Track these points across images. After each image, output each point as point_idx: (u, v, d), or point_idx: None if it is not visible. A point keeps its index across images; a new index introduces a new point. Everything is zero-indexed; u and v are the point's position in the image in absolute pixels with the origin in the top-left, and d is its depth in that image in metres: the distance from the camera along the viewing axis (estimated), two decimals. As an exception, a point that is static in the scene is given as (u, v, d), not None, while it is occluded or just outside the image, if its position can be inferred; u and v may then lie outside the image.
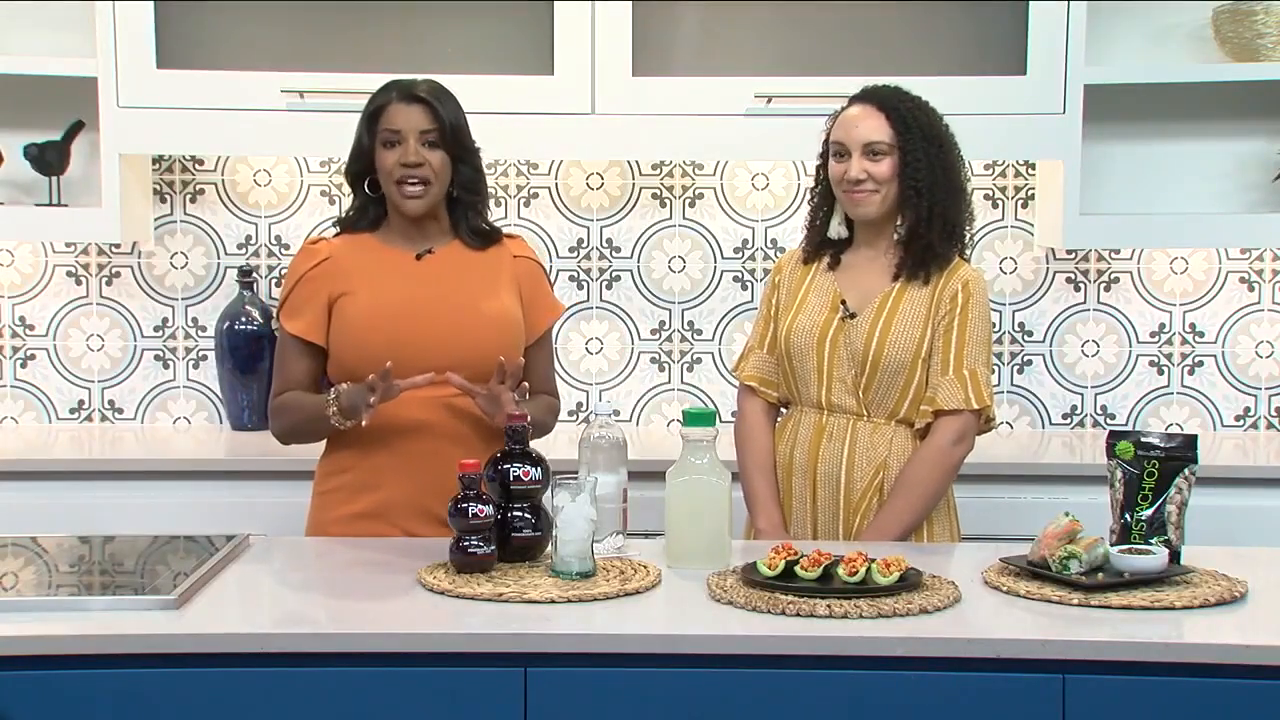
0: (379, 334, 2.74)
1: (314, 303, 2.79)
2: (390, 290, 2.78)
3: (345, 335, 2.77)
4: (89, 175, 3.85)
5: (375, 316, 2.76)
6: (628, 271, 3.97)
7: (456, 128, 2.78)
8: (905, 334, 2.80)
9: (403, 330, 2.74)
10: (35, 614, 2.23)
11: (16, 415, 4.00)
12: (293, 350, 2.81)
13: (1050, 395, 4.00)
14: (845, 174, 2.82)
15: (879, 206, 2.83)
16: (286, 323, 2.81)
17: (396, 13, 3.69)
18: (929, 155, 2.80)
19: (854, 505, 2.83)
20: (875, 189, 2.81)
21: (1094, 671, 2.13)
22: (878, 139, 2.81)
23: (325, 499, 2.82)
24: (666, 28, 3.71)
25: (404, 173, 2.75)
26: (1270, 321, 3.98)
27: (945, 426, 2.80)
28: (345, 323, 2.77)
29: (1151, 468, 2.51)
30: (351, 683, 2.15)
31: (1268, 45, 3.71)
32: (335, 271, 2.79)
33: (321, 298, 2.79)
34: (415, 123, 2.75)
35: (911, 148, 2.80)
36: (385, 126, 2.76)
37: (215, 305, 3.95)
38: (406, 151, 2.74)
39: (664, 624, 2.27)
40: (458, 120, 2.79)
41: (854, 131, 2.83)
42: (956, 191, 2.84)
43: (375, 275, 2.79)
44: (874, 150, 2.81)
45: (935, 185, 2.81)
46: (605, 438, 2.58)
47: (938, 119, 2.86)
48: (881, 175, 2.81)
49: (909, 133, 2.80)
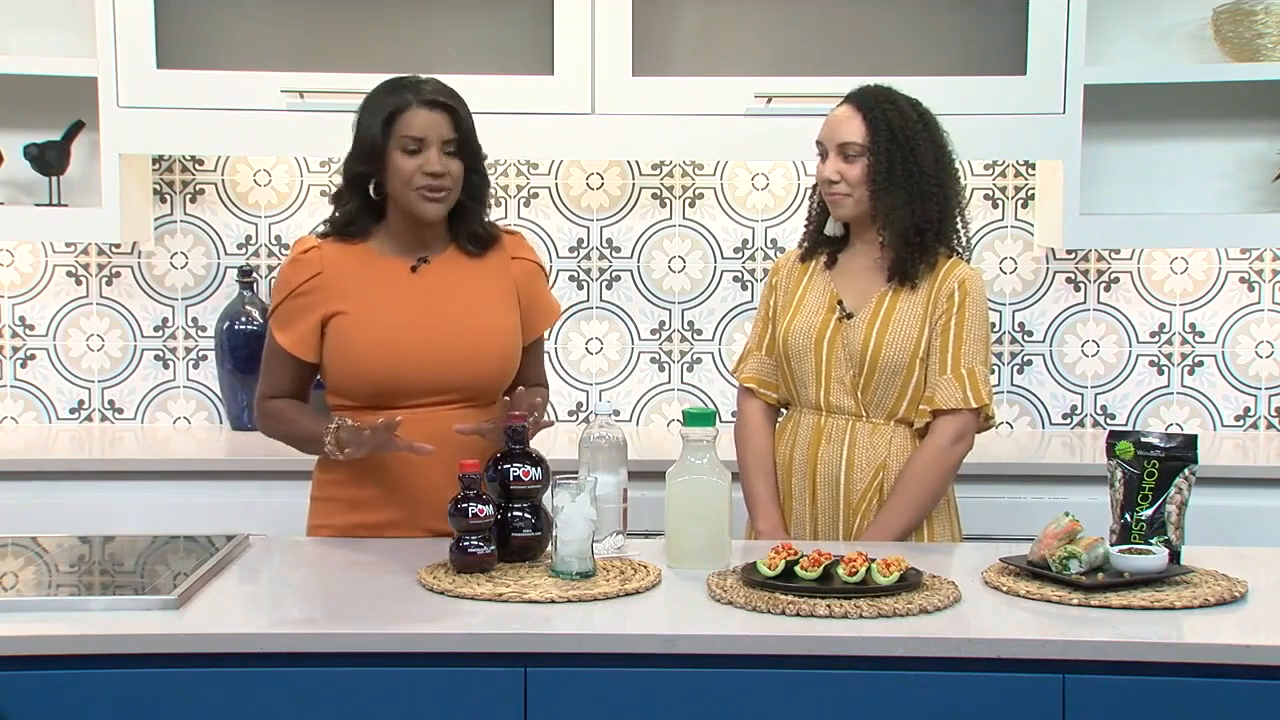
0: (376, 358, 2.69)
1: (305, 319, 2.72)
2: (387, 309, 2.71)
3: (340, 357, 2.71)
4: (89, 175, 3.85)
5: (371, 339, 2.69)
6: (628, 271, 3.97)
7: (473, 135, 2.72)
8: (903, 334, 2.80)
9: (400, 353, 2.69)
10: (35, 614, 2.23)
11: (16, 415, 4.00)
12: (282, 358, 2.75)
13: (1050, 395, 4.00)
14: (822, 174, 2.84)
15: (852, 208, 2.83)
16: (277, 332, 2.75)
17: (396, 13, 3.69)
18: (893, 157, 2.78)
19: (854, 506, 2.83)
20: (848, 191, 2.81)
21: (1094, 671, 2.13)
22: (850, 140, 2.81)
23: (323, 506, 2.79)
24: (666, 28, 3.71)
25: (427, 181, 2.66)
26: (1270, 321, 3.98)
27: (944, 426, 2.80)
28: (340, 344, 2.71)
29: (1151, 468, 2.51)
30: (351, 683, 2.15)
31: (1268, 45, 3.71)
32: (329, 287, 2.71)
33: (314, 315, 2.71)
34: (439, 130, 2.66)
35: (878, 149, 2.79)
36: (406, 133, 2.65)
37: (215, 305, 3.95)
38: (430, 160, 2.65)
39: (664, 624, 2.27)
40: (473, 127, 2.73)
41: (832, 132, 2.84)
42: (928, 194, 2.79)
43: (371, 291, 2.72)
44: (846, 152, 2.81)
45: (899, 187, 2.78)
46: (605, 438, 2.58)
47: (918, 120, 2.82)
48: (853, 177, 2.80)
49: (877, 134, 2.79)
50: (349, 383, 2.71)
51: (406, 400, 2.69)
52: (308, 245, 2.78)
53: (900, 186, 2.78)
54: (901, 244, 2.80)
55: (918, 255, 2.81)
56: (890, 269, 2.83)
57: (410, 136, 2.65)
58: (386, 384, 2.69)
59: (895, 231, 2.80)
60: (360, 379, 2.70)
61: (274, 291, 2.79)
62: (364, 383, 2.69)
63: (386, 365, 2.68)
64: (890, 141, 2.79)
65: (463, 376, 2.71)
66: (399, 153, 2.66)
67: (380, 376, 2.68)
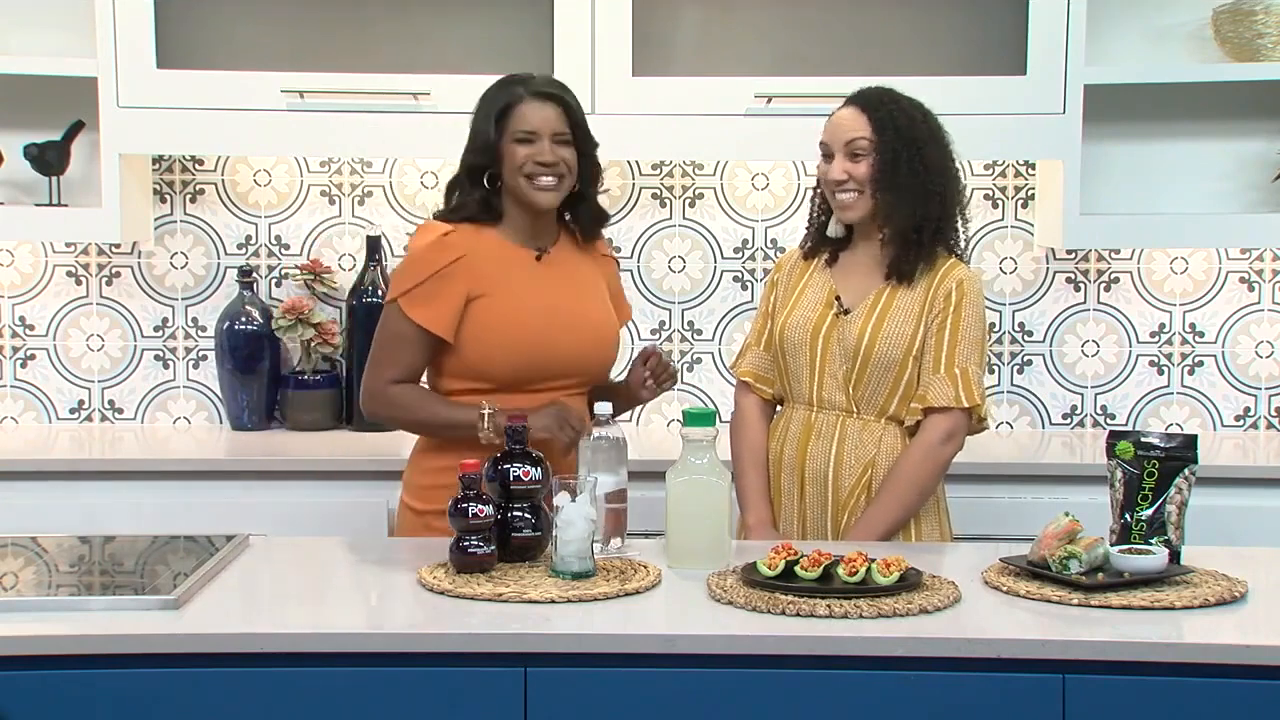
0: (516, 341, 2.76)
1: (449, 298, 2.75)
2: (523, 295, 2.79)
3: (481, 338, 2.76)
4: (89, 175, 3.85)
5: (515, 322, 2.76)
6: (628, 271, 3.97)
7: (584, 125, 2.83)
8: (897, 330, 2.80)
9: (539, 337, 2.78)
10: (35, 614, 2.23)
11: (16, 415, 4.00)
12: (413, 339, 2.77)
13: (1050, 395, 4.00)
14: (828, 174, 2.84)
15: (862, 210, 2.83)
16: (413, 311, 2.75)
17: (396, 13, 3.69)
18: (899, 156, 2.78)
19: (842, 503, 2.83)
20: (857, 189, 2.82)
21: (1094, 671, 2.14)
22: (858, 136, 2.81)
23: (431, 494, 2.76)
24: (666, 28, 3.71)
25: (537, 169, 2.76)
26: (1270, 321, 3.98)
27: (934, 424, 2.80)
28: (483, 326, 2.76)
29: (1151, 468, 2.51)
30: (351, 683, 2.15)
31: (1268, 45, 3.71)
32: (471, 270, 2.76)
33: (458, 295, 2.75)
34: (550, 123, 2.77)
35: (884, 148, 2.79)
36: (519, 126, 2.76)
37: (215, 305, 3.95)
38: (542, 151, 2.76)
39: (664, 624, 2.28)
40: (584, 118, 2.84)
41: (837, 132, 2.84)
42: (931, 194, 2.80)
43: (507, 277, 2.79)
44: (854, 151, 2.81)
45: (903, 187, 2.78)
46: (605, 438, 2.58)
47: (922, 120, 2.83)
48: (861, 176, 2.81)
49: (884, 133, 2.80)
50: (489, 365, 2.76)
51: (536, 384, 2.79)
52: (443, 229, 2.81)
53: (904, 186, 2.79)
54: (901, 242, 2.81)
55: (916, 254, 2.81)
56: (889, 267, 2.84)
57: (523, 130, 2.76)
58: (526, 367, 2.77)
59: (895, 230, 2.81)
60: (502, 362, 2.76)
61: (406, 273, 2.78)
62: (505, 365, 2.76)
63: (528, 349, 2.77)
64: (896, 140, 2.79)
65: (587, 362, 2.86)
66: (513, 144, 2.77)
67: (521, 360, 2.76)
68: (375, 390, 2.81)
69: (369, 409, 2.85)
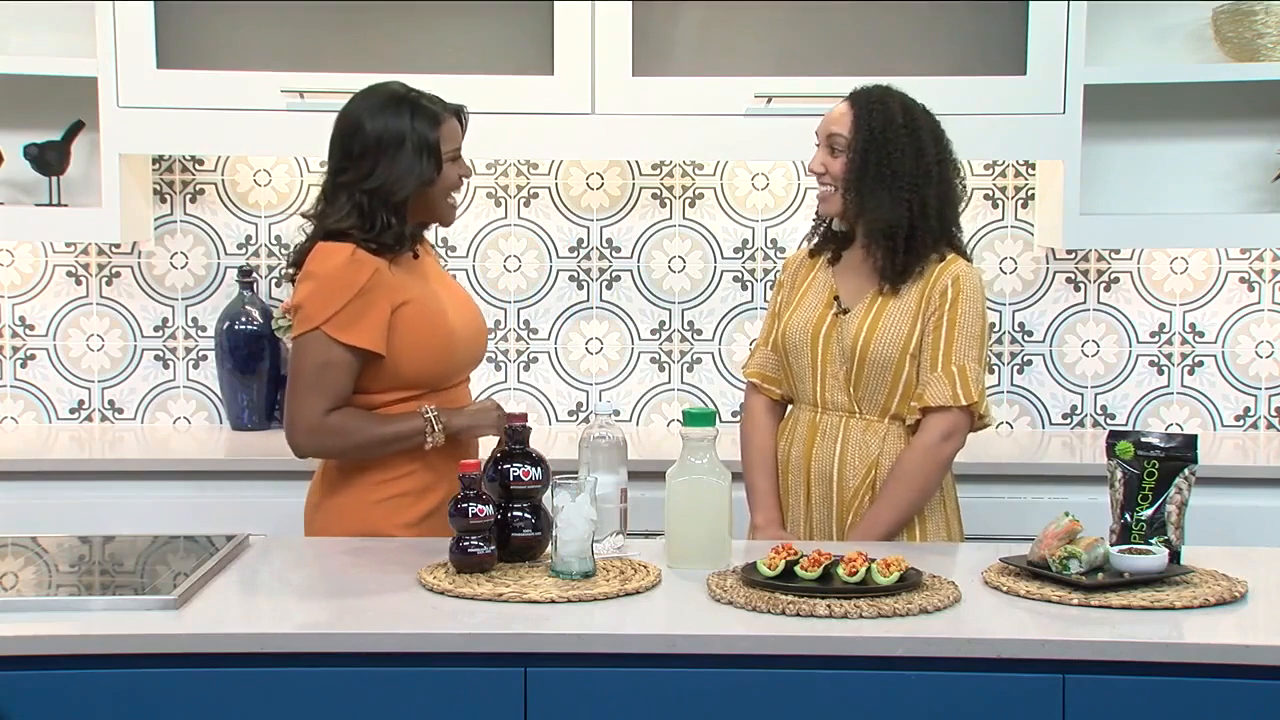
0: (441, 340, 2.76)
1: (378, 313, 2.69)
2: (431, 295, 2.79)
3: (411, 344, 2.72)
4: (89, 175, 3.85)
5: (436, 324, 2.75)
6: (628, 271, 3.97)
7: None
8: (894, 329, 2.80)
9: (453, 333, 2.79)
10: (35, 614, 2.23)
11: (16, 415, 4.00)
12: (343, 364, 2.68)
13: (1050, 395, 4.00)
14: (810, 164, 2.87)
15: (834, 206, 2.84)
16: (342, 334, 2.66)
17: (396, 13, 3.69)
18: (867, 158, 2.77)
19: (847, 504, 2.83)
20: (831, 185, 2.82)
21: (1094, 671, 2.14)
22: (837, 132, 2.82)
23: (386, 507, 2.74)
24: (666, 28, 3.71)
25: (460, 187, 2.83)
26: (1270, 321, 3.98)
27: (932, 423, 2.79)
28: (411, 332, 2.71)
29: (1151, 468, 2.51)
30: (351, 683, 2.16)
31: (1268, 45, 3.71)
32: (386, 281, 2.71)
33: (384, 308, 2.69)
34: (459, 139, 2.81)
35: (857, 148, 2.79)
36: (451, 145, 2.76)
37: (215, 305, 3.95)
38: (465, 167, 2.82)
39: (664, 624, 2.27)
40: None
41: (825, 124, 2.87)
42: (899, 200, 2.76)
43: (413, 280, 2.77)
44: (833, 145, 2.83)
45: (869, 190, 2.77)
46: (605, 438, 2.58)
47: (903, 124, 2.79)
48: (835, 171, 2.81)
49: (858, 133, 2.79)
50: (418, 369, 2.74)
51: (453, 379, 2.83)
52: (349, 249, 2.70)
53: (870, 190, 2.78)
54: (878, 244, 2.80)
55: (897, 257, 2.79)
56: (878, 270, 2.83)
57: (453, 148, 2.78)
58: (449, 364, 2.79)
59: (868, 231, 2.81)
60: (431, 364, 2.76)
61: (324, 298, 2.67)
62: (434, 367, 2.76)
63: (450, 345, 2.78)
64: (869, 141, 2.78)
65: (480, 350, 2.95)
66: (447, 162, 2.77)
67: (446, 357, 2.78)
68: (312, 424, 2.68)
69: (306, 444, 2.72)
